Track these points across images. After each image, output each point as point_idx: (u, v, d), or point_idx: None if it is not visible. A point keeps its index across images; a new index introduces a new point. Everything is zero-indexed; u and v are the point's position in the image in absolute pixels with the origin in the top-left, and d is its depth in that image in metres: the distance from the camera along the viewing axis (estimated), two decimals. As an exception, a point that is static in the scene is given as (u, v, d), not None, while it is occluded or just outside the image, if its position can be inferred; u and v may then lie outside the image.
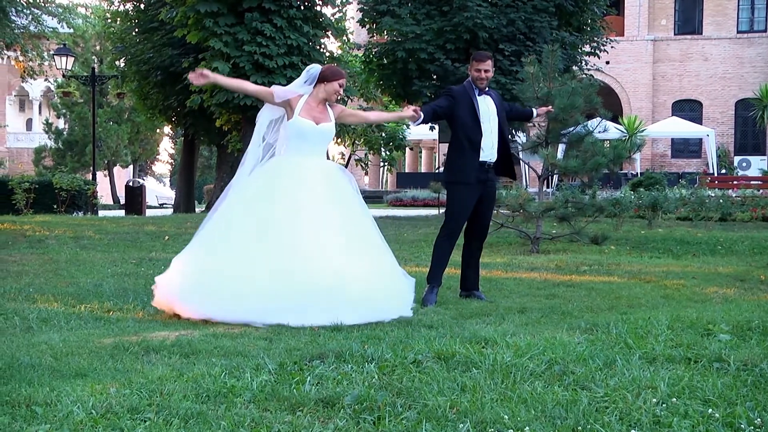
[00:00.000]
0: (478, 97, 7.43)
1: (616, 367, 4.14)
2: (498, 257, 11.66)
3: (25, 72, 35.96)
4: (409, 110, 7.25)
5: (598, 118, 13.33)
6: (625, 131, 32.18)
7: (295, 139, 6.57)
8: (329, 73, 6.72)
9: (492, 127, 7.43)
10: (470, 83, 7.46)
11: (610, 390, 3.74)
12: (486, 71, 7.41)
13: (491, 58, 7.56)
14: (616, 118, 32.21)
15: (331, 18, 22.77)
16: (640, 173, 32.26)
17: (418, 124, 7.46)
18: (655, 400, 3.58)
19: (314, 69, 6.74)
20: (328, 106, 6.77)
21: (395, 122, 31.57)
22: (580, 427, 3.32)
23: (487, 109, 7.44)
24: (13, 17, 32.03)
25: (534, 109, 8.39)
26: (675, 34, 41.70)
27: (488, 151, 7.42)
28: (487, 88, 7.52)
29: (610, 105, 32.80)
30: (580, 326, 5.34)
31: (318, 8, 21.41)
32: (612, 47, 27.14)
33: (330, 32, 22.61)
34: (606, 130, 16.60)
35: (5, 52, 35.15)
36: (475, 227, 7.67)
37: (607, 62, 35.61)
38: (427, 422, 3.37)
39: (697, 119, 40.04)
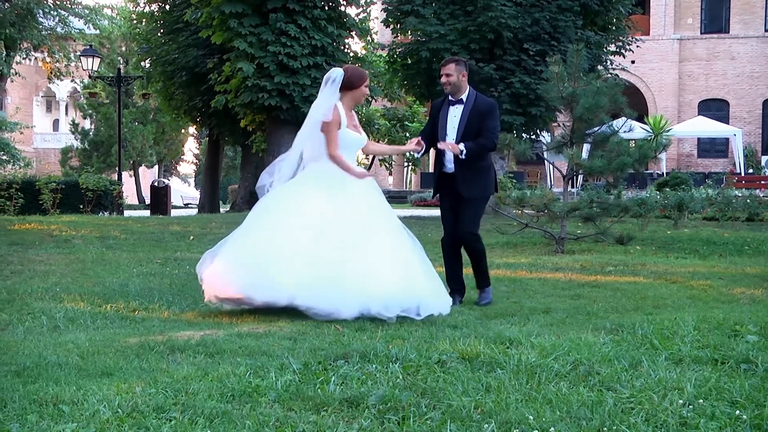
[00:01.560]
0: (450, 107, 7.31)
1: (642, 368, 4.12)
2: (522, 257, 11.63)
3: (52, 73, 36.31)
4: (412, 144, 7.24)
5: (624, 118, 13.27)
6: (650, 131, 31.93)
7: (343, 150, 6.60)
8: (355, 79, 6.69)
9: (452, 139, 7.28)
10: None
11: (636, 391, 3.72)
12: (448, 75, 7.22)
13: (455, 62, 7.26)
14: (641, 117, 31.98)
15: (355, 18, 22.78)
16: (666, 173, 32.08)
17: (422, 154, 7.52)
18: (681, 401, 3.55)
19: (337, 75, 6.68)
20: (354, 114, 6.83)
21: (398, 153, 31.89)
22: (605, 428, 3.30)
23: (452, 120, 7.28)
24: (40, 19, 32.34)
25: (458, 145, 7.35)
26: (701, 33, 41.40)
27: (450, 164, 7.31)
28: (461, 97, 7.28)
29: (636, 105, 32.64)
30: (605, 327, 5.32)
31: (342, 8, 21.44)
32: (637, 46, 26.97)
33: (354, 32, 22.62)
34: (631, 129, 16.51)
35: (33, 53, 35.48)
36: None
37: (633, 61, 35.35)
38: (451, 422, 3.36)
39: (724, 119, 39.72)
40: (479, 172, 7.32)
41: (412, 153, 7.64)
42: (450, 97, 7.30)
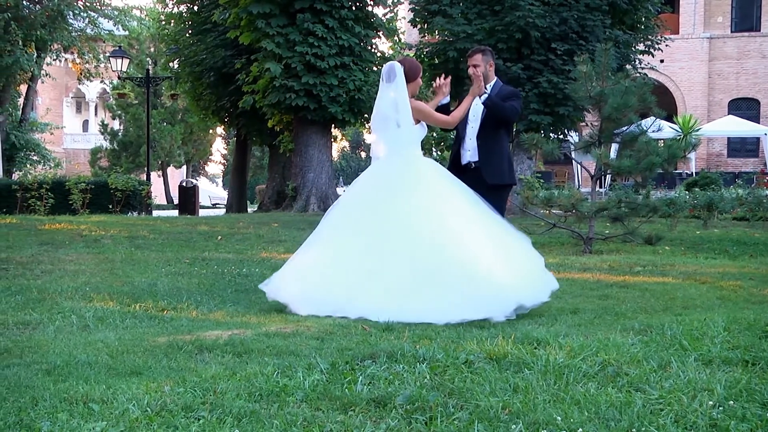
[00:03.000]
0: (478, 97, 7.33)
1: (671, 369, 4.09)
2: (550, 257, 11.57)
3: (81, 74, 36.61)
4: (439, 85, 7.22)
5: (652, 118, 13.17)
6: (679, 130, 31.74)
7: (414, 144, 6.63)
8: (412, 72, 6.71)
9: (473, 129, 7.27)
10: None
11: (665, 392, 3.70)
12: (475, 66, 7.23)
13: (481, 52, 7.31)
14: (670, 117, 31.79)
15: (383, 18, 22.81)
16: (696, 173, 31.85)
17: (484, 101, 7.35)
18: (711, 402, 3.52)
19: (398, 69, 6.66)
20: None
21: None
22: (634, 430, 3.28)
23: (476, 107, 7.30)
24: (70, 20, 32.64)
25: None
26: (732, 32, 41.05)
27: (468, 153, 7.33)
28: (489, 86, 7.29)
29: (665, 104, 32.43)
30: (633, 327, 5.29)
31: (369, 8, 21.47)
32: (666, 45, 26.79)
33: (381, 32, 22.66)
34: (660, 129, 16.40)
35: (63, 54, 35.80)
36: None
37: (662, 60, 35.10)
38: (479, 423, 3.36)
39: (755, 118, 39.36)
40: (501, 159, 7.38)
41: (437, 151, 7.71)
42: None
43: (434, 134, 40.06)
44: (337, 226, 6.60)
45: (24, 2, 31.00)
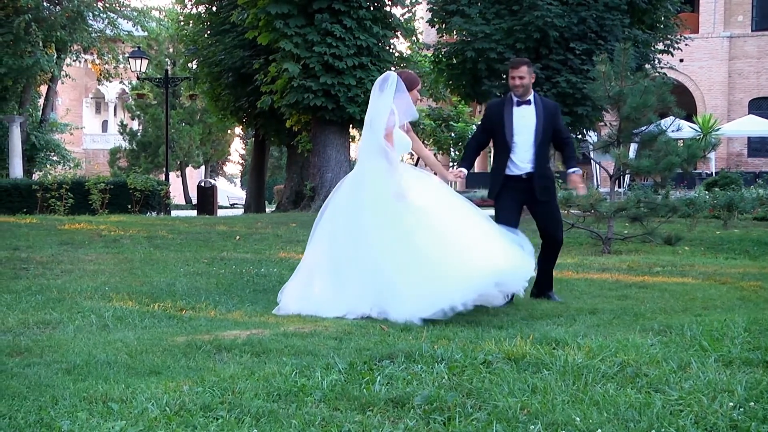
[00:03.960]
0: (515, 108, 7.26)
1: (691, 370, 4.06)
2: (569, 258, 11.54)
3: (101, 75, 36.82)
4: (450, 175, 7.44)
5: (672, 117, 13.11)
6: (699, 130, 31.57)
7: (381, 155, 6.65)
8: (409, 83, 6.71)
9: (526, 141, 7.22)
10: (511, 93, 7.35)
11: (685, 393, 3.68)
12: (521, 78, 7.20)
13: (526, 64, 7.28)
14: (690, 116, 31.60)
15: (401, 18, 22.80)
16: (715, 173, 31.64)
17: (467, 173, 7.44)
18: (731, 403, 3.50)
19: (392, 79, 6.67)
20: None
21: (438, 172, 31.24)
22: (653, 431, 3.27)
23: (521, 121, 7.23)
24: (90, 21, 32.82)
25: (574, 170, 7.65)
26: (752, 30, 40.77)
27: (522, 165, 7.25)
28: (529, 98, 7.30)
29: (684, 103, 32.25)
30: (653, 328, 5.27)
31: (387, 9, 21.47)
32: (686, 45, 26.65)
33: (399, 32, 22.65)
34: (679, 129, 16.32)
35: (82, 55, 36.01)
36: (542, 234, 7.58)
37: (681, 60, 34.92)
38: (497, 423, 3.35)
39: (775, 117, 39.11)
40: (550, 172, 7.50)
41: (456, 152, 7.72)
42: (515, 98, 7.29)
43: (452, 134, 40.07)
44: (322, 234, 6.78)
45: (44, 4, 31.21)
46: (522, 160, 7.24)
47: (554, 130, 7.38)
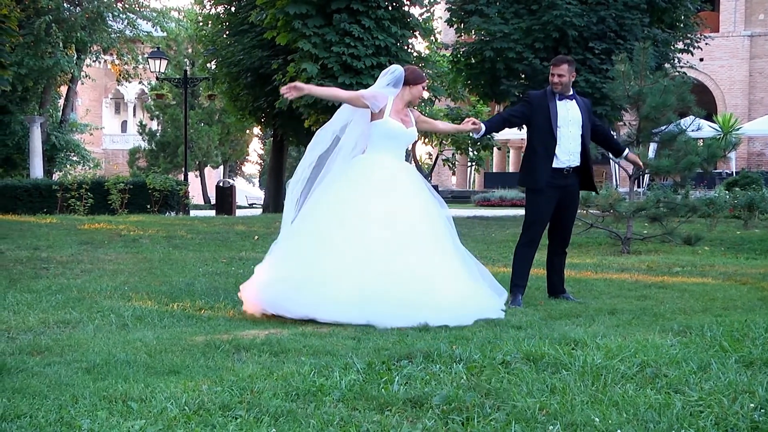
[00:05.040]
0: (558, 101, 7.29)
1: (711, 371, 4.04)
2: (588, 258, 11.51)
3: (120, 75, 37.00)
4: (468, 123, 7.32)
5: (692, 117, 13.04)
6: (719, 129, 31.41)
7: (384, 140, 6.61)
8: (413, 77, 6.73)
9: (572, 133, 7.26)
10: (550, 88, 7.36)
11: (705, 394, 3.65)
12: (560, 76, 7.24)
13: (567, 62, 7.32)
14: (710, 116, 31.41)
15: (419, 18, 22.76)
16: (736, 172, 31.45)
17: (481, 135, 7.42)
18: (752, 405, 3.48)
19: (398, 72, 6.73)
20: (409, 110, 6.81)
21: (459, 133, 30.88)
22: (673, 432, 3.25)
23: (566, 114, 7.27)
24: (109, 22, 33.02)
25: (627, 150, 7.99)
26: (773, 29, 40.52)
27: (565, 158, 7.27)
28: (571, 93, 7.37)
29: (704, 103, 32.08)
30: (672, 328, 5.24)
31: (406, 8, 21.43)
32: (706, 44, 26.51)
33: (418, 32, 22.60)
34: (699, 128, 16.22)
35: (102, 56, 36.21)
36: (556, 232, 7.57)
37: (701, 59, 34.74)
38: (516, 424, 3.34)
39: (797, 116, 38.83)
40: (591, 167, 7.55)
41: (473, 151, 7.67)
42: (556, 94, 7.32)
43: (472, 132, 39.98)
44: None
45: (65, 5, 31.42)
46: (567, 152, 7.26)
47: (592, 124, 7.55)
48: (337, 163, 6.76)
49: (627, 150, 7.93)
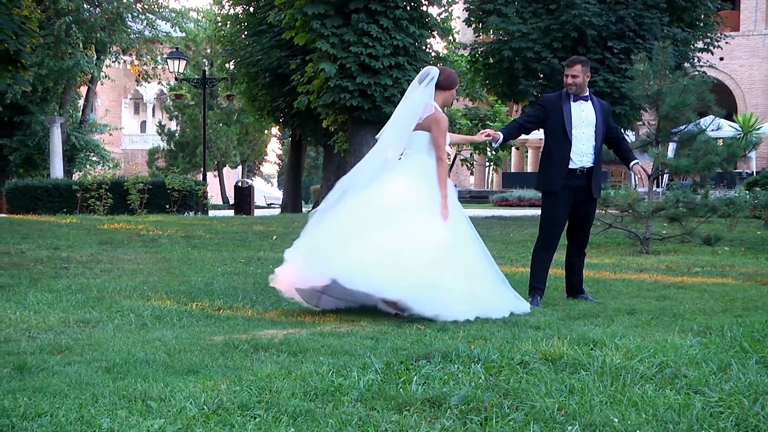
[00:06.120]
0: (572, 103, 7.26)
1: (731, 372, 4.02)
2: (606, 258, 11.47)
3: (139, 75, 37.17)
4: (482, 135, 7.35)
5: (711, 116, 12.97)
6: (739, 129, 31.21)
7: (430, 150, 6.60)
8: (448, 82, 6.69)
9: (585, 134, 7.23)
10: (566, 89, 7.34)
11: (725, 395, 3.63)
12: (574, 77, 7.20)
13: (581, 63, 7.27)
14: (730, 115, 31.26)
15: (437, 18, 22.75)
16: (756, 172, 31.26)
17: (499, 143, 7.46)
18: (773, 406, 3.46)
19: (434, 74, 6.67)
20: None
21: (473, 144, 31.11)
22: (693, 433, 3.24)
23: (580, 115, 7.25)
24: (129, 23, 33.18)
25: (636, 161, 7.79)
26: (794, 28, 40.25)
27: (579, 158, 7.25)
28: (586, 94, 7.33)
29: (724, 102, 31.92)
30: (692, 329, 5.22)
31: (424, 8, 21.41)
32: (726, 43, 26.34)
33: (436, 32, 22.58)
34: (719, 128, 16.16)
35: (121, 56, 36.39)
36: (575, 233, 7.56)
37: (721, 58, 34.54)
38: (534, 424, 3.34)
39: (818, 116, 38.54)
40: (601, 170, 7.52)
41: (491, 151, 7.67)
42: (571, 94, 7.30)
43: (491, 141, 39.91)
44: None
45: (84, 6, 31.60)
46: (580, 153, 7.24)
47: (607, 128, 7.46)
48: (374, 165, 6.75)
49: (635, 161, 7.75)
